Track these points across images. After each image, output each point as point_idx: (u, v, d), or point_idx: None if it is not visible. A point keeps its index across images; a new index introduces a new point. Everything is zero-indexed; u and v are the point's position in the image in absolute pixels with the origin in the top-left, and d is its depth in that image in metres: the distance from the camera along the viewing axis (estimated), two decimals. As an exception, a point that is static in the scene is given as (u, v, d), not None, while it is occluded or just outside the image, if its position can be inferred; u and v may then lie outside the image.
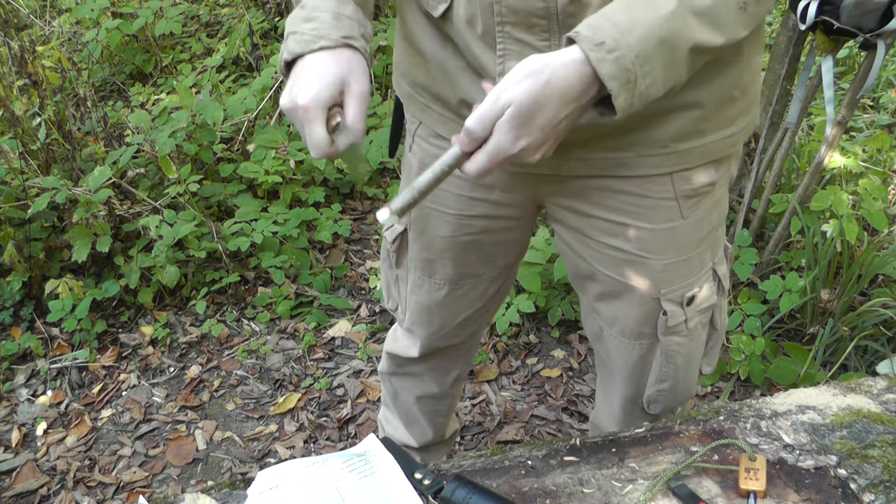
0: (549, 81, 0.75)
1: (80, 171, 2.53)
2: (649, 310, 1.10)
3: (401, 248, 1.26)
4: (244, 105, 2.80)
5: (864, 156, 2.59)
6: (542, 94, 0.75)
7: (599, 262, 1.10)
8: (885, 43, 1.82)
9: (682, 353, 1.15)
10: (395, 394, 1.56)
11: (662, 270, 1.07)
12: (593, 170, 1.01)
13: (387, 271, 1.35)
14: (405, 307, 1.34)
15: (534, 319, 2.37)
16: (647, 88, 0.77)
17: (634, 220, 1.04)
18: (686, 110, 0.95)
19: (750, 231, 2.37)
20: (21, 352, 2.28)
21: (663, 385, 1.19)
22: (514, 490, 0.89)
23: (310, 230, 2.66)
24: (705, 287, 1.12)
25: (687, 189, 1.02)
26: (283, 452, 1.99)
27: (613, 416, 1.32)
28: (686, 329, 1.13)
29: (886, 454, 0.91)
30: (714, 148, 1.01)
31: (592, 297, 1.17)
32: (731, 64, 0.95)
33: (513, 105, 0.76)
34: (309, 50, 0.87)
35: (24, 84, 2.67)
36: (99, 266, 2.46)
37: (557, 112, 0.77)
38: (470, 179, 0.82)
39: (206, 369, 2.26)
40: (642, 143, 0.98)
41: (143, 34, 3.65)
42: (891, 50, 2.12)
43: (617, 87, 0.75)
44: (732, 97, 0.98)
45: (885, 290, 2.19)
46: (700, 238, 1.08)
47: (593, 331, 1.25)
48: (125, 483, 1.93)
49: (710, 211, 1.08)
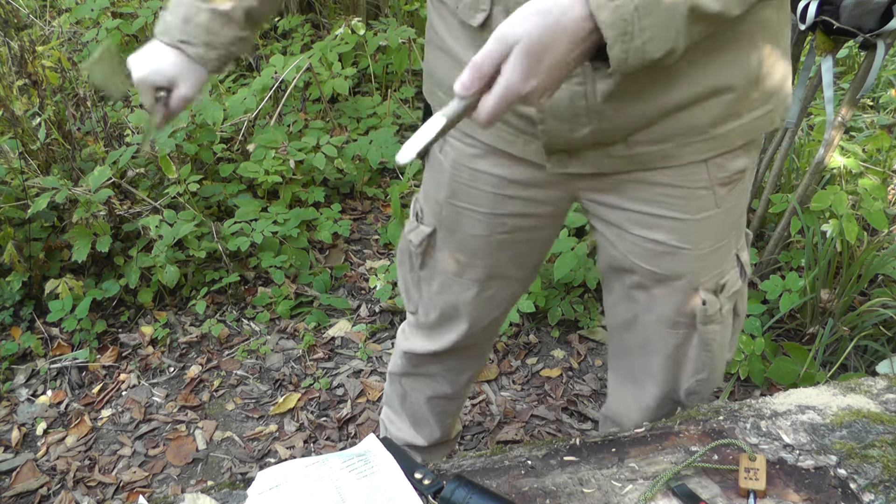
0: (559, 20, 0.73)
1: (80, 170, 2.53)
2: (688, 299, 1.11)
3: (427, 249, 1.25)
4: (244, 105, 2.80)
5: (864, 156, 2.59)
6: (551, 33, 0.73)
7: (637, 255, 1.10)
8: (885, 43, 1.82)
9: (718, 341, 1.17)
10: (404, 395, 1.55)
11: (699, 260, 1.08)
12: (636, 165, 1.01)
13: (406, 274, 1.33)
14: (428, 308, 1.33)
15: (534, 319, 2.37)
16: (643, 44, 0.75)
17: (671, 212, 1.05)
18: (721, 95, 0.96)
19: (750, 231, 2.36)
20: (21, 352, 2.28)
21: (702, 375, 1.20)
22: (514, 490, 0.89)
23: (310, 230, 2.66)
24: (732, 273, 1.14)
25: (722, 177, 1.03)
26: (283, 452, 1.99)
27: (646, 411, 1.31)
28: (721, 316, 1.14)
29: (886, 454, 0.91)
30: (752, 126, 1.02)
31: (628, 286, 1.17)
32: (756, 43, 0.96)
33: (522, 41, 0.73)
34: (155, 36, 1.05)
35: (24, 84, 2.67)
36: (99, 266, 2.46)
37: (567, 53, 0.75)
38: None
39: (206, 369, 2.26)
40: (683, 132, 0.98)
41: (143, 34, 3.65)
42: (891, 50, 2.11)
43: (613, 36, 0.73)
44: (762, 75, 0.99)
45: (884, 289, 2.19)
46: (731, 224, 1.10)
47: (625, 319, 1.23)
48: (125, 483, 1.93)
49: (740, 198, 1.09)
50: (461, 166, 1.13)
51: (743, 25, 0.92)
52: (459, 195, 1.15)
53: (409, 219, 1.28)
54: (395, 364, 1.53)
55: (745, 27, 0.93)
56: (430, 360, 1.43)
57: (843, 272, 2.16)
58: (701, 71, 0.93)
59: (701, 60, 0.92)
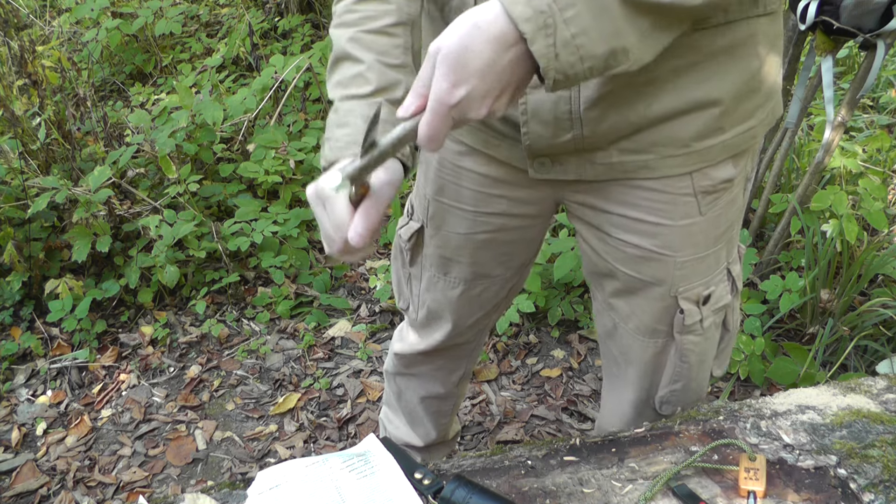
0: (477, 24, 0.71)
1: (80, 170, 2.54)
2: (666, 307, 1.10)
3: (416, 245, 1.26)
4: (244, 105, 2.80)
5: (864, 156, 2.59)
6: (469, 36, 0.71)
7: (618, 259, 1.10)
8: (885, 43, 1.82)
9: (696, 353, 1.16)
10: (399, 393, 1.56)
11: (680, 268, 1.07)
12: (616, 173, 1.01)
13: (399, 269, 1.34)
14: (417, 305, 1.34)
15: (534, 319, 2.37)
16: (573, 38, 0.70)
17: (653, 217, 1.04)
18: (706, 108, 0.95)
19: (750, 231, 2.37)
20: (21, 352, 2.28)
21: (676, 385, 1.19)
22: (514, 490, 0.89)
23: (310, 230, 2.66)
24: (720, 286, 1.13)
25: (706, 185, 1.02)
26: (283, 452, 1.99)
27: (624, 417, 1.31)
28: (701, 328, 1.13)
29: (886, 454, 0.91)
30: (734, 143, 1.01)
31: (609, 293, 1.17)
32: (745, 57, 0.94)
33: (441, 50, 0.72)
34: (343, 156, 0.89)
35: (24, 84, 2.67)
36: (99, 266, 2.46)
37: (496, 56, 0.71)
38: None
39: (205, 369, 2.26)
40: (664, 144, 0.97)
41: (143, 34, 3.65)
42: (891, 50, 2.12)
43: (531, 30, 0.69)
44: (750, 90, 0.97)
45: (884, 289, 2.19)
46: (717, 235, 1.08)
47: (606, 328, 1.24)
48: (125, 483, 1.93)
49: (728, 208, 1.08)
50: (447, 163, 1.14)
51: (736, 36, 0.91)
52: (445, 192, 1.16)
53: (403, 215, 1.30)
54: (388, 363, 1.54)
55: (739, 38, 0.92)
56: (419, 361, 1.43)
57: (843, 272, 2.16)
58: (686, 81, 0.92)
59: (687, 70, 0.91)
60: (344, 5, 0.98)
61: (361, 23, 0.96)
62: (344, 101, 0.94)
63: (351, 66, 0.95)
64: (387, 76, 0.94)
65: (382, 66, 0.94)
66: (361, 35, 0.96)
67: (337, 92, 0.95)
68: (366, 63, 0.94)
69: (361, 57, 0.94)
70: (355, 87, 0.94)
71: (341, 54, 0.97)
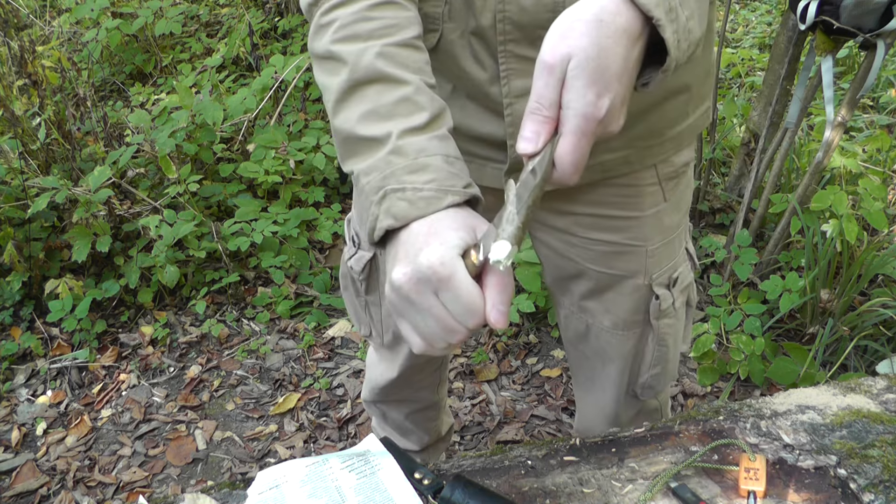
0: (599, 18, 0.61)
1: (80, 170, 2.54)
2: (641, 297, 1.11)
3: (371, 273, 1.20)
4: (244, 105, 2.80)
5: (864, 156, 2.59)
6: (600, 35, 0.61)
7: (587, 258, 1.09)
8: (885, 43, 1.82)
9: (671, 334, 1.17)
10: (383, 415, 1.57)
11: (652, 255, 1.08)
12: (598, 174, 0.99)
13: (353, 298, 1.27)
14: (381, 330, 1.29)
15: (533, 319, 2.37)
16: (687, 21, 0.64)
17: (623, 211, 1.04)
18: (679, 95, 0.97)
19: (750, 231, 2.37)
20: (21, 352, 2.28)
21: (656, 369, 1.20)
22: (514, 490, 0.89)
23: (310, 230, 2.66)
24: (683, 266, 1.15)
25: (668, 171, 1.04)
26: (283, 452, 1.99)
27: (605, 414, 1.31)
28: (674, 310, 1.14)
29: (886, 454, 0.91)
30: (696, 125, 1.03)
31: (579, 296, 1.16)
32: (710, 34, 0.96)
33: (575, 56, 0.61)
34: (433, 210, 0.66)
35: (24, 84, 2.67)
36: (99, 266, 2.46)
37: (627, 53, 0.62)
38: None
39: (205, 369, 2.26)
40: (643, 136, 0.98)
41: (143, 34, 3.65)
42: (891, 50, 2.11)
43: (663, 14, 0.62)
44: (707, 73, 1.01)
45: (884, 289, 2.19)
46: (679, 218, 1.10)
47: (578, 332, 1.22)
48: (125, 483, 1.93)
49: (686, 190, 1.10)
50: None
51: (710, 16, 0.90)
52: None
53: (347, 244, 1.22)
54: (365, 392, 1.51)
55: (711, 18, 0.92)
56: (395, 387, 1.41)
57: (843, 272, 2.16)
58: None
59: None
60: (351, 12, 0.76)
61: (385, 34, 0.75)
62: (404, 136, 0.70)
63: (390, 90, 0.72)
64: (435, 101, 0.73)
65: (427, 87, 0.74)
66: (393, 50, 0.74)
67: (378, 127, 0.71)
68: (412, 85, 0.72)
69: (404, 77, 0.72)
70: (406, 117, 0.71)
71: (372, 75, 0.73)
